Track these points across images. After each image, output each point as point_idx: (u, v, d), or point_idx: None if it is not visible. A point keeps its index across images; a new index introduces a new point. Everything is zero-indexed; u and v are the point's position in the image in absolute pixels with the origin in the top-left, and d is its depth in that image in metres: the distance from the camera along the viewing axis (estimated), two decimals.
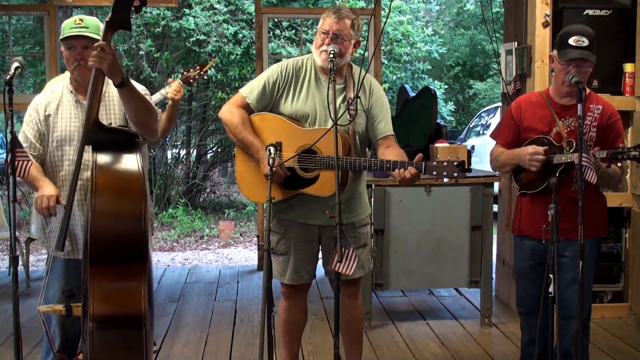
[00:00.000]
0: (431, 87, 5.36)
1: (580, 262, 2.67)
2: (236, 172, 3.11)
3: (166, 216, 9.52)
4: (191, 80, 3.93)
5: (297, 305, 3.24)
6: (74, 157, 2.66)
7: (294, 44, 9.96)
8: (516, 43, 4.68)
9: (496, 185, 4.74)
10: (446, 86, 14.05)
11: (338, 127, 2.67)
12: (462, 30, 16.73)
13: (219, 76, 9.67)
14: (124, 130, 2.72)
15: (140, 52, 9.45)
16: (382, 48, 10.31)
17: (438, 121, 5.06)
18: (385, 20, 7.13)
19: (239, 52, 9.64)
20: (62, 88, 2.94)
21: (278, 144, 2.89)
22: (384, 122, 3.06)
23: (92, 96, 2.57)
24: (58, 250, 2.66)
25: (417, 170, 2.75)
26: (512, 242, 3.47)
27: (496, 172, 3.85)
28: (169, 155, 10.90)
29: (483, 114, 10.75)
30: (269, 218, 2.73)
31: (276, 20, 9.92)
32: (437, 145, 4.54)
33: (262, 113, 3.05)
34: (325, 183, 2.89)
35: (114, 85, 2.61)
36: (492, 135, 3.36)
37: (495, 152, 3.26)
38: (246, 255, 7.54)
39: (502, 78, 4.85)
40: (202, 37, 9.55)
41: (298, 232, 3.09)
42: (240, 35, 9.74)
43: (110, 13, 2.54)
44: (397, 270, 4.38)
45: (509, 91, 4.68)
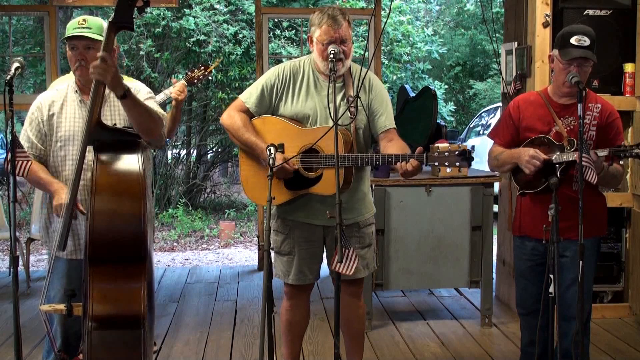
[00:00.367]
0: (431, 87, 5.36)
1: (580, 262, 2.67)
2: (241, 176, 3.11)
3: (166, 216, 9.52)
4: (195, 81, 3.93)
5: (299, 305, 3.24)
6: (77, 157, 2.66)
7: (294, 44, 9.96)
8: (516, 43, 4.68)
9: (496, 185, 4.74)
10: (446, 86, 14.05)
11: (339, 125, 2.67)
12: (462, 30, 16.72)
13: (219, 76, 9.66)
14: (126, 130, 2.72)
15: (141, 52, 9.45)
16: (382, 48, 10.31)
17: (438, 121, 5.07)
18: (385, 20, 7.13)
19: (239, 53, 9.64)
20: (66, 87, 2.94)
21: (280, 146, 2.90)
22: (385, 116, 3.04)
23: (94, 96, 2.57)
24: (60, 250, 2.65)
25: (418, 163, 2.74)
26: (512, 242, 3.46)
27: (494, 171, 3.84)
28: (169, 156, 10.89)
29: (483, 114, 10.75)
30: (269, 218, 2.72)
31: (276, 20, 9.92)
32: (437, 145, 4.52)
33: (263, 116, 3.05)
34: (328, 181, 2.89)
35: (116, 97, 2.61)
36: (491, 135, 3.35)
37: (494, 151, 3.25)
38: (246, 256, 7.54)
39: (502, 78, 4.85)
40: (202, 38, 9.55)
41: (302, 232, 3.10)
42: (241, 36, 9.74)
43: (113, 13, 2.54)
44: (397, 270, 4.38)
45: (509, 91, 4.68)
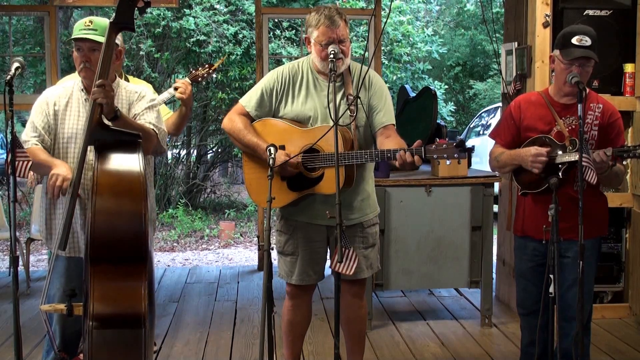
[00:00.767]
0: (431, 88, 5.36)
1: (581, 262, 2.66)
2: (245, 180, 3.13)
3: (166, 216, 9.52)
4: (200, 79, 3.92)
5: (301, 306, 3.23)
6: (78, 156, 2.67)
7: (294, 44, 9.96)
8: (516, 43, 4.68)
9: (496, 185, 4.74)
10: (446, 86, 14.05)
11: (340, 124, 2.67)
12: (463, 30, 16.71)
13: (219, 76, 9.66)
14: (127, 130, 2.73)
15: (141, 52, 9.46)
16: (382, 48, 10.31)
17: (438, 121, 5.07)
18: (385, 20, 7.13)
19: (239, 53, 9.64)
20: (73, 85, 2.96)
21: (281, 147, 2.91)
22: (383, 112, 3.03)
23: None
24: (60, 249, 2.66)
25: (418, 156, 2.74)
26: (512, 242, 3.46)
27: (495, 172, 3.84)
28: (169, 156, 10.89)
29: (483, 114, 10.75)
30: (269, 218, 2.72)
31: (276, 20, 9.92)
32: (436, 140, 4.53)
33: (264, 119, 3.06)
34: (330, 180, 2.88)
35: (106, 120, 2.65)
36: (492, 135, 3.34)
37: (494, 152, 3.24)
38: (246, 256, 7.54)
39: (503, 78, 4.85)
40: (203, 38, 9.55)
41: (306, 232, 3.10)
42: (241, 36, 9.75)
43: (114, 14, 2.54)
44: (397, 270, 4.38)
45: (509, 91, 4.67)
